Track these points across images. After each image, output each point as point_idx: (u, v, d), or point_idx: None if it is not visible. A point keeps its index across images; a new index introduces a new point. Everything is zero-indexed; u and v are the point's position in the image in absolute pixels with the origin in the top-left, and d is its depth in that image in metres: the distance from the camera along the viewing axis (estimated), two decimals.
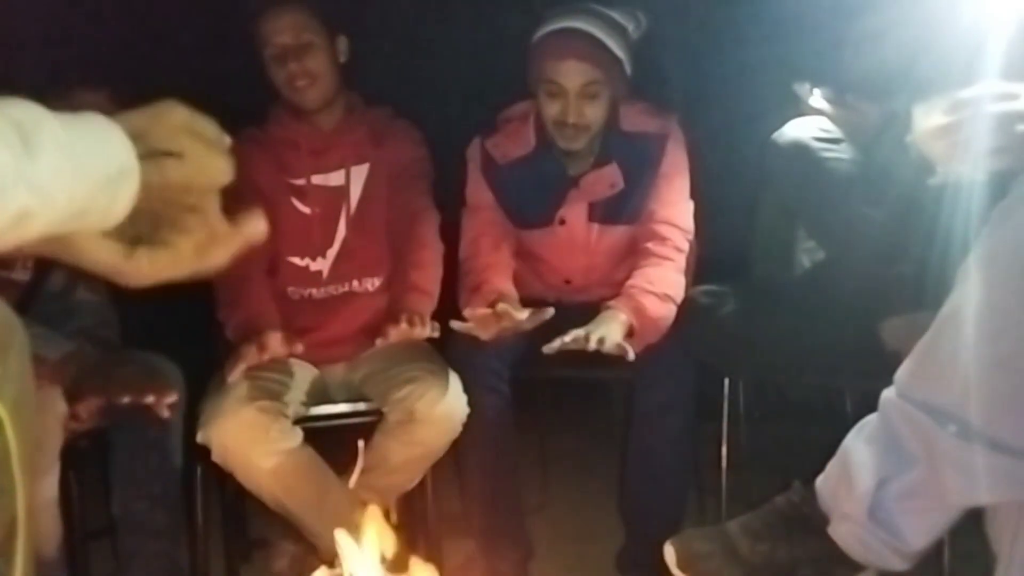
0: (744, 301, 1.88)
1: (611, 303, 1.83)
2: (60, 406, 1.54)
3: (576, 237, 2.01)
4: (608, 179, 1.98)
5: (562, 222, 2.01)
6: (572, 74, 1.86)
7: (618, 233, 2.01)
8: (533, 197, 2.01)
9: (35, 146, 0.64)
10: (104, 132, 0.71)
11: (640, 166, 1.97)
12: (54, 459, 1.52)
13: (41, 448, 1.46)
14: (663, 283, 1.88)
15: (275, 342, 1.73)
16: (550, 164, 2.01)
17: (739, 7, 2.47)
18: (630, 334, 1.79)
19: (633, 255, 1.98)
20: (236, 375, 1.70)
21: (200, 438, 1.70)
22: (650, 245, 1.94)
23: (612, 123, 1.98)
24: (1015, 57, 1.23)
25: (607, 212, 1.99)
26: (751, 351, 1.82)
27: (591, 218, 2.00)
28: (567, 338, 1.71)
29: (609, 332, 1.73)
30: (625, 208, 1.99)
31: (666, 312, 1.86)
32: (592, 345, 1.70)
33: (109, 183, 0.70)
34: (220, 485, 1.78)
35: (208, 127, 0.78)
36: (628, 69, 1.94)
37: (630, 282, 1.88)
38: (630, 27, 1.94)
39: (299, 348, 1.76)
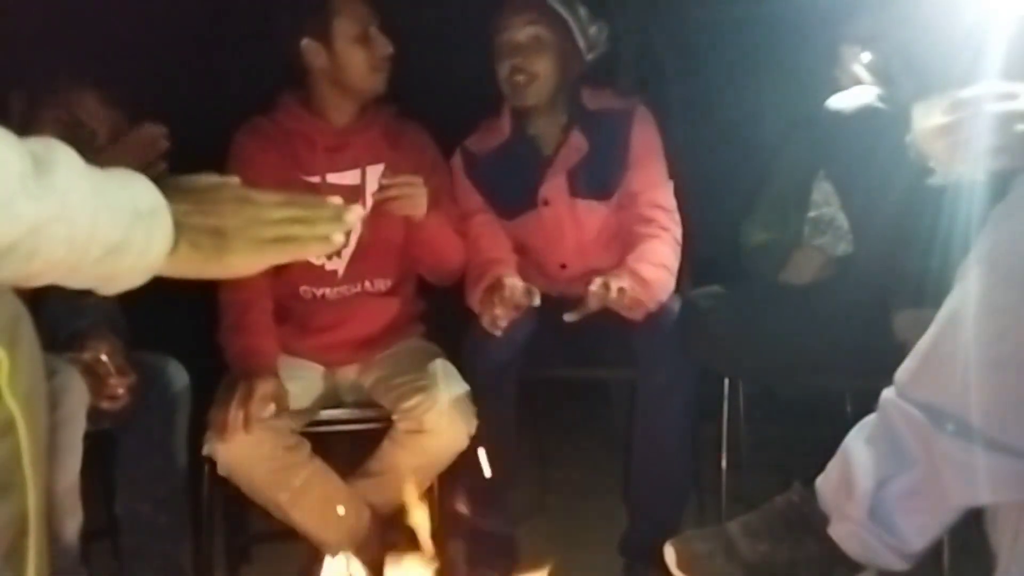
0: (743, 302, 1.88)
1: (607, 277, 1.86)
2: (81, 386, 1.53)
3: (561, 215, 2.05)
4: (574, 145, 2.05)
5: (545, 203, 2.05)
6: (517, 24, 2.00)
7: (600, 210, 2.05)
8: (514, 182, 2.06)
9: (45, 164, 0.68)
10: (126, 174, 0.77)
11: (606, 135, 2.04)
12: (77, 440, 1.52)
13: (65, 428, 1.47)
14: (656, 254, 1.94)
15: (265, 392, 1.69)
16: (525, 148, 2.08)
17: (739, 5, 2.47)
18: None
19: (622, 237, 2.04)
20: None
21: (207, 450, 1.70)
22: (638, 228, 2.00)
23: (575, 101, 2.07)
24: (1015, 56, 1.23)
25: (585, 185, 2.04)
26: (750, 353, 1.81)
27: (572, 193, 2.04)
28: (591, 287, 1.78)
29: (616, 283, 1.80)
30: (600, 179, 2.04)
31: (663, 277, 1.92)
32: (612, 292, 1.77)
33: (142, 217, 0.75)
34: (222, 484, 1.78)
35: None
36: (582, 45, 2.05)
37: (625, 259, 1.94)
38: (583, 10, 2.06)
39: (286, 406, 1.74)
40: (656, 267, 1.92)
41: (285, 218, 0.88)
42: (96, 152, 1.74)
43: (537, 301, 1.83)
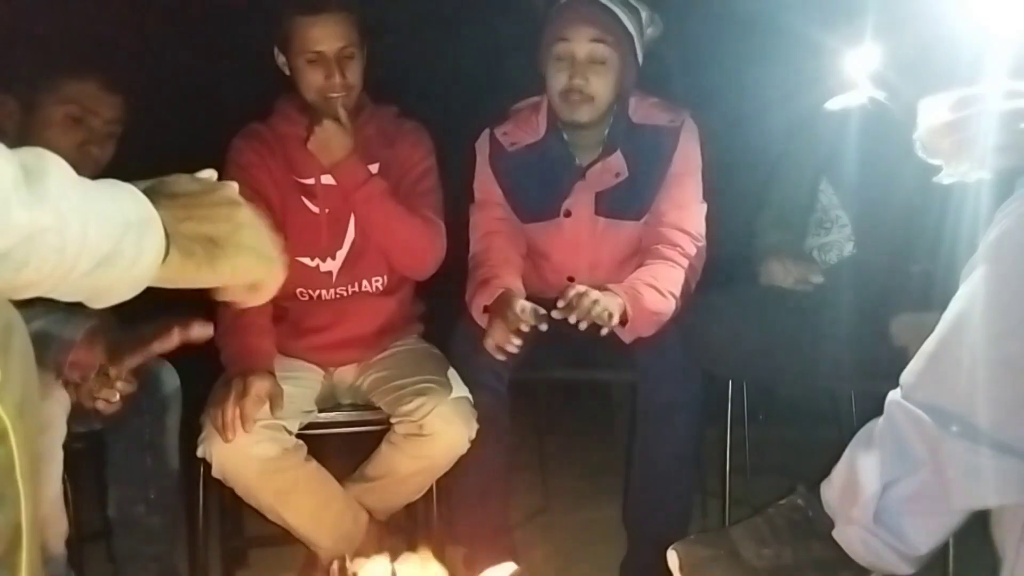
0: (746, 305, 1.86)
1: (611, 286, 1.82)
2: (62, 394, 1.52)
3: (581, 231, 1.99)
4: (612, 168, 1.97)
5: (567, 214, 1.99)
6: (580, 37, 1.88)
7: (624, 229, 1.99)
8: (539, 186, 2.00)
9: (36, 173, 0.68)
10: (116, 185, 0.76)
11: (648, 158, 1.96)
12: (57, 449, 1.50)
13: (44, 435, 1.44)
14: (666, 280, 1.86)
15: (260, 390, 1.67)
16: (558, 152, 2.00)
17: (741, 4, 2.46)
18: (623, 322, 1.79)
19: (639, 254, 1.97)
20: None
21: (201, 452, 1.68)
22: (660, 248, 1.92)
23: (621, 113, 1.99)
24: (1021, 55, 1.22)
25: (613, 205, 1.97)
26: (754, 356, 1.79)
27: (598, 211, 1.98)
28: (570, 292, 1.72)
29: (603, 299, 1.73)
30: (632, 201, 1.97)
31: (664, 308, 1.84)
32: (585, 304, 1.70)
33: (132, 228, 0.75)
34: (218, 487, 1.77)
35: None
36: (639, 57, 1.96)
37: (634, 275, 1.87)
38: (644, 14, 1.95)
39: (281, 405, 1.70)
40: (662, 296, 1.83)
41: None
42: (104, 139, 1.73)
43: (544, 327, 1.75)
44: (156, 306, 0.93)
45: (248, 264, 0.86)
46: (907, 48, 1.65)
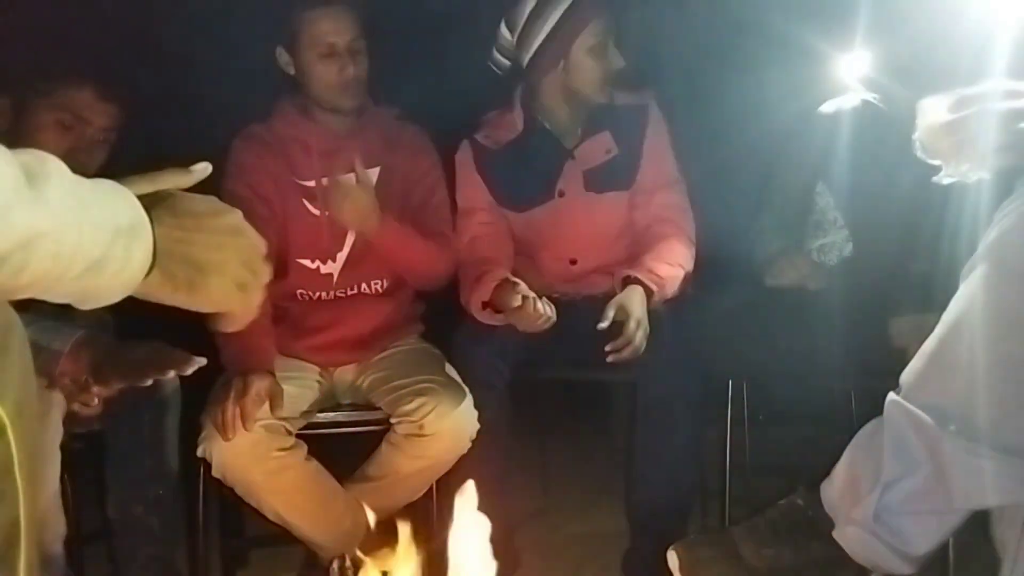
0: (747, 304, 1.87)
1: (626, 271, 1.90)
2: (58, 397, 1.51)
3: (576, 208, 2.04)
4: (603, 146, 2.05)
5: (561, 194, 2.05)
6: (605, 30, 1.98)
7: (614, 200, 2.06)
8: (531, 174, 2.05)
9: (39, 177, 0.68)
10: (111, 188, 0.76)
11: (628, 133, 2.05)
12: (54, 449, 1.50)
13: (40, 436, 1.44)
14: (673, 253, 1.97)
15: (260, 389, 1.66)
16: (544, 140, 2.06)
17: (736, 8, 2.46)
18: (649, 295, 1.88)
19: (633, 233, 2.05)
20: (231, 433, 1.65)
21: (201, 452, 1.68)
22: (655, 227, 2.02)
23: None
24: (1021, 55, 1.22)
25: (601, 179, 2.05)
26: (755, 354, 1.80)
27: (587, 187, 2.04)
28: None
29: (631, 304, 1.81)
30: (617, 173, 2.05)
31: (676, 274, 1.96)
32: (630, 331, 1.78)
33: (121, 234, 0.74)
34: (218, 486, 1.77)
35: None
36: None
37: (643, 257, 1.95)
38: None
39: (281, 404, 1.70)
40: (672, 266, 1.94)
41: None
42: (95, 146, 1.72)
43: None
44: (150, 313, 0.92)
45: (226, 295, 0.85)
46: (907, 49, 1.65)
